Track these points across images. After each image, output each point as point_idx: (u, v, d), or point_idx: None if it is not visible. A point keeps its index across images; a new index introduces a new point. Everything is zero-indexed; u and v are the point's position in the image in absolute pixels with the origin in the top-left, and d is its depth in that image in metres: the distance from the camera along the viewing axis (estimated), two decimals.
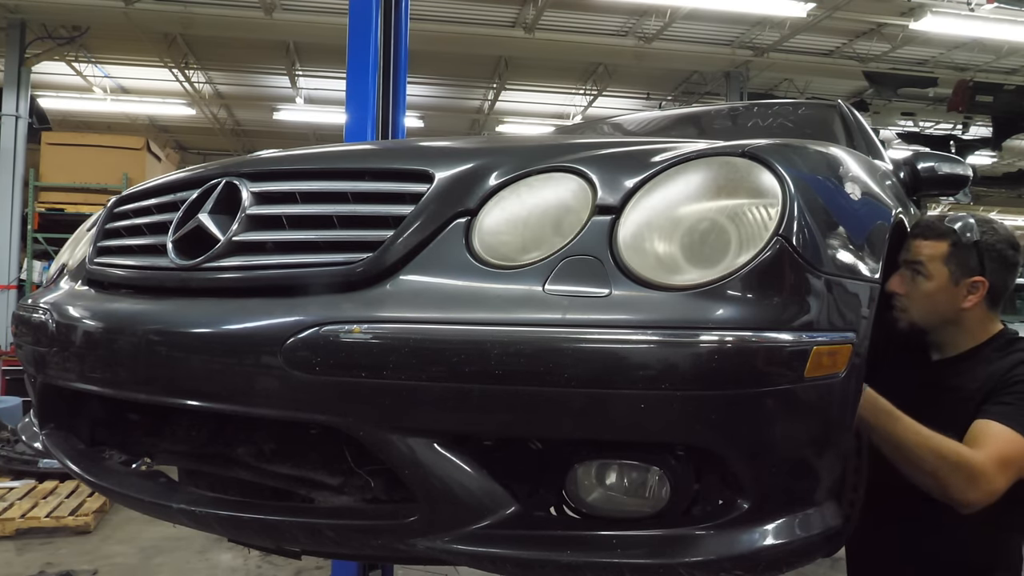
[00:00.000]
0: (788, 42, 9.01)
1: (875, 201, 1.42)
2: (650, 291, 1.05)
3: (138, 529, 4.40)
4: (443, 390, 1.05)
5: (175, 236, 1.34)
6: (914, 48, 9.20)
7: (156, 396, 1.29)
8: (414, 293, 1.13)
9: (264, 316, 1.17)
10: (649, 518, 1.09)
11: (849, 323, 1.15)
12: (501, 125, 12.39)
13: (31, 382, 1.63)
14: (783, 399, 1.05)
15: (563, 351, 1.01)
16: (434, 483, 1.08)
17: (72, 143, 7.95)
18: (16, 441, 5.29)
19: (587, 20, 8.67)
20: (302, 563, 3.83)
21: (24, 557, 4.02)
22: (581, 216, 1.13)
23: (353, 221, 1.23)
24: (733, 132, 2.93)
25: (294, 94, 11.04)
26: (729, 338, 1.00)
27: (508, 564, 1.10)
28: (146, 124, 13.00)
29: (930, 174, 2.40)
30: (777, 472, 1.08)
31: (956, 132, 11.74)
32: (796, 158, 1.18)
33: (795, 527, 1.09)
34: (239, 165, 1.41)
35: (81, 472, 1.49)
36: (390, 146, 2.06)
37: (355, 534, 1.19)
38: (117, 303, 1.41)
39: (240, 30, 8.64)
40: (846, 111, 2.77)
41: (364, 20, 2.85)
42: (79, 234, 1.91)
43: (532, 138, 3.15)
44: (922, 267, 1.61)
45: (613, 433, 1.05)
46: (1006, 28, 7.91)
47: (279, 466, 1.39)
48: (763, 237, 1.06)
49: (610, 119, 3.97)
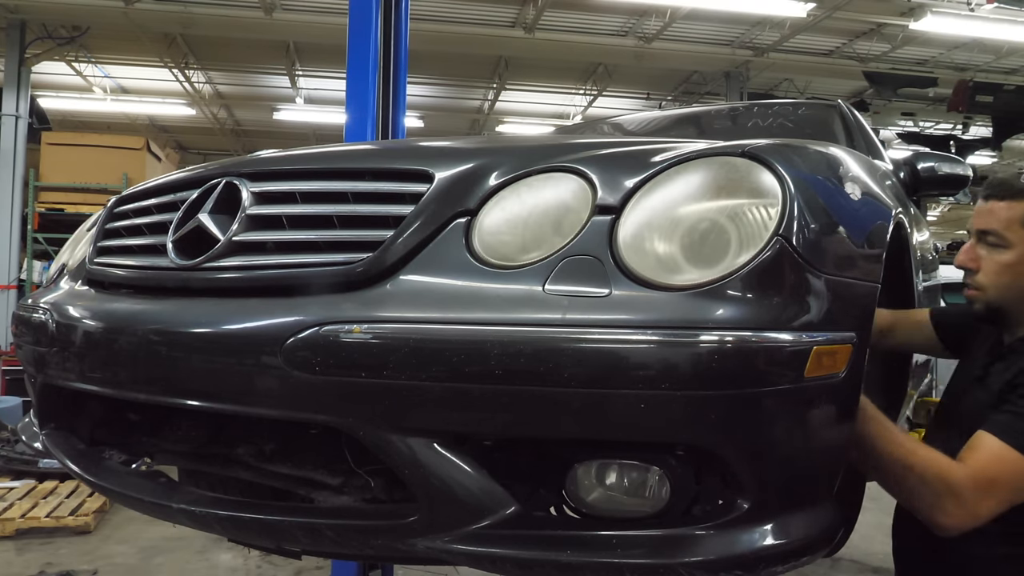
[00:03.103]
0: (788, 42, 9.01)
1: (875, 201, 1.42)
2: (650, 291, 1.05)
3: (138, 529, 4.40)
4: (443, 390, 1.05)
5: (175, 236, 1.34)
6: (914, 48, 9.20)
7: (156, 396, 1.29)
8: (414, 293, 1.13)
9: (264, 316, 1.17)
10: (649, 518, 1.09)
11: (849, 323, 1.15)
12: (501, 125, 12.39)
13: (31, 382, 1.63)
14: (783, 399, 1.05)
15: (563, 351, 1.01)
16: (434, 483, 1.08)
17: (72, 143, 7.96)
18: (16, 441, 5.29)
19: (587, 20, 8.67)
20: (302, 563, 3.83)
21: (24, 557, 4.02)
22: (581, 216, 1.13)
23: (353, 221, 1.23)
24: (733, 132, 2.93)
25: (294, 94, 11.04)
26: (729, 338, 1.00)
27: (508, 564, 1.10)
28: (146, 124, 13.01)
29: (930, 174, 2.41)
30: (777, 472, 1.08)
31: (956, 132, 11.74)
32: (796, 158, 1.18)
33: (795, 527, 1.09)
34: (239, 165, 1.41)
35: (81, 472, 1.49)
36: (390, 146, 2.06)
37: (355, 534, 1.19)
38: (117, 303, 1.41)
39: (240, 30, 8.65)
40: (846, 111, 2.77)
41: (364, 20, 2.85)
42: (79, 234, 1.91)
43: (532, 138, 3.15)
44: (997, 235, 1.38)
45: (613, 433, 1.05)
46: (1006, 28, 7.91)
47: (279, 466, 1.39)
48: (763, 237, 1.06)
49: (610, 119, 3.97)
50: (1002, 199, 1.39)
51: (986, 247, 1.41)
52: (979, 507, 1.24)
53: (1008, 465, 1.24)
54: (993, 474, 1.24)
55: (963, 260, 1.44)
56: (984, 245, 1.42)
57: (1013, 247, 1.37)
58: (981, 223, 1.42)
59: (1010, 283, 1.39)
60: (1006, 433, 1.26)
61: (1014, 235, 1.37)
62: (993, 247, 1.40)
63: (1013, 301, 1.41)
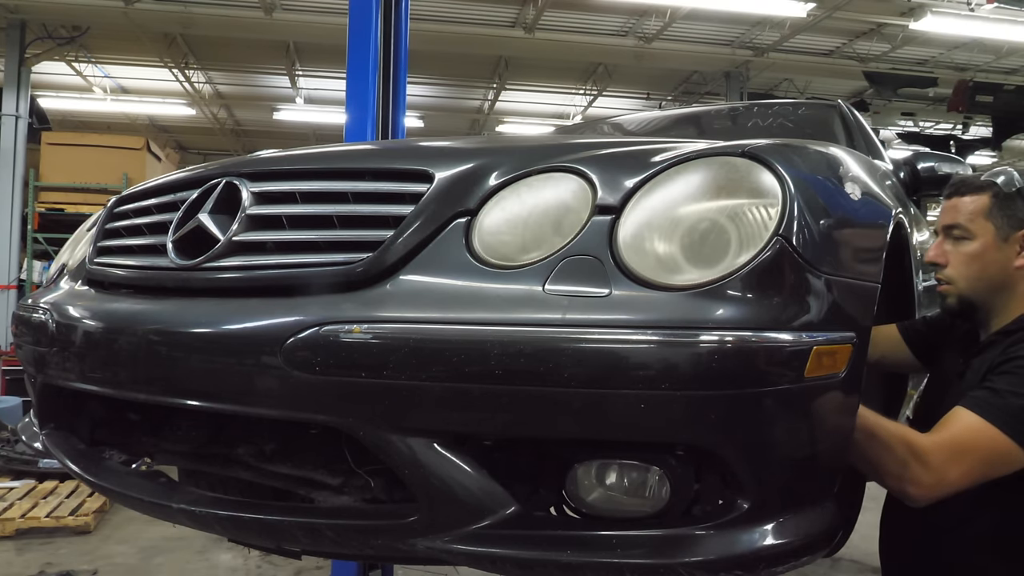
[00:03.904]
0: (788, 42, 9.01)
1: (875, 201, 1.42)
2: (650, 291, 1.05)
3: (138, 529, 4.40)
4: (443, 390, 1.05)
5: (175, 236, 1.34)
6: (914, 48, 9.20)
7: (156, 396, 1.29)
8: (414, 293, 1.13)
9: (264, 316, 1.17)
10: (649, 518, 1.09)
11: (849, 323, 1.15)
12: (501, 125, 12.39)
13: (31, 382, 1.63)
14: (783, 399, 1.05)
15: (563, 351, 1.01)
16: (434, 483, 1.08)
17: (72, 143, 7.95)
18: (16, 441, 5.29)
19: (587, 20, 8.67)
20: (302, 563, 3.83)
21: (24, 557, 4.02)
22: (581, 216, 1.13)
23: (353, 221, 1.23)
24: (733, 132, 2.93)
25: (294, 94, 11.04)
26: (729, 338, 1.00)
27: (508, 564, 1.10)
28: (146, 124, 13.00)
29: (930, 174, 2.41)
30: (777, 472, 1.08)
31: (956, 132, 11.73)
32: (796, 158, 1.18)
33: (795, 527, 1.09)
34: (239, 165, 1.41)
35: (81, 472, 1.49)
36: (390, 146, 2.06)
37: (355, 534, 1.19)
38: (117, 303, 1.41)
39: (240, 30, 8.64)
40: (846, 111, 2.77)
41: (364, 20, 2.85)
42: (79, 234, 1.91)
43: (532, 138, 3.15)
44: (962, 228, 1.43)
45: (613, 433, 1.05)
46: (1006, 28, 7.91)
47: (279, 466, 1.39)
48: (763, 237, 1.06)
49: (610, 119, 3.97)
50: (964, 195, 1.45)
51: (952, 241, 1.46)
52: (947, 473, 1.23)
53: (981, 436, 1.24)
54: (964, 442, 1.23)
55: (932, 256, 1.48)
56: (951, 240, 1.47)
57: (977, 237, 1.42)
58: (947, 219, 1.47)
59: (979, 273, 1.43)
60: (981, 407, 1.27)
61: (978, 226, 1.42)
62: (959, 240, 1.45)
63: (983, 292, 1.44)
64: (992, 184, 1.42)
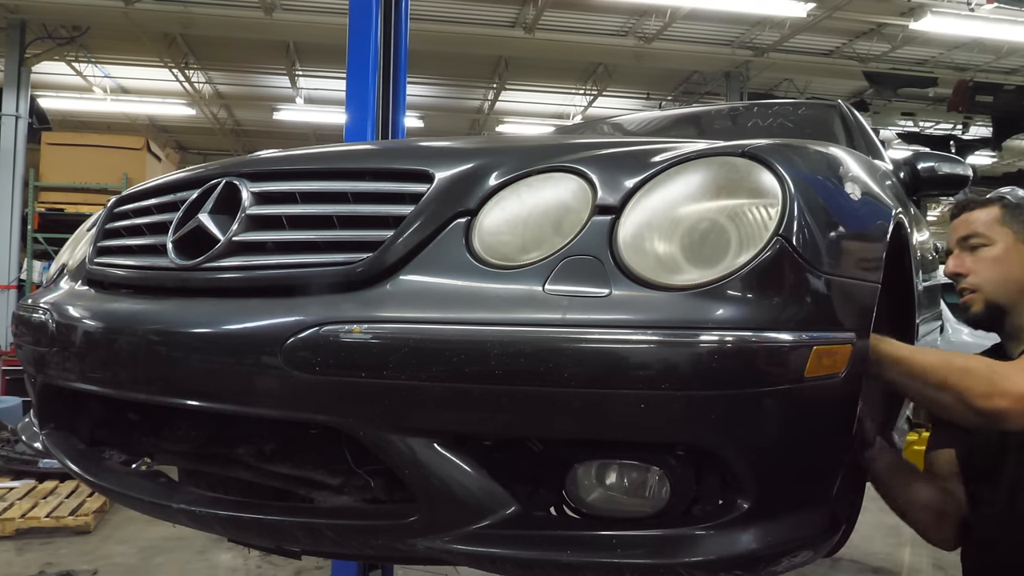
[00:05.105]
0: (788, 42, 9.01)
1: (875, 201, 1.42)
2: (650, 291, 1.05)
3: (138, 529, 4.40)
4: (443, 390, 1.05)
5: (175, 236, 1.34)
6: (914, 48, 9.20)
7: (156, 396, 1.29)
8: (414, 293, 1.13)
9: (264, 316, 1.17)
10: (649, 518, 1.09)
11: (849, 323, 1.15)
12: (501, 125, 12.39)
13: (31, 382, 1.63)
14: (783, 399, 1.05)
15: (563, 351, 1.01)
16: (434, 483, 1.08)
17: (72, 143, 7.96)
18: (16, 441, 5.29)
19: (587, 20, 8.67)
20: (302, 563, 3.82)
21: (24, 557, 4.02)
22: (581, 216, 1.13)
23: (353, 221, 1.23)
24: (733, 132, 2.93)
25: (294, 94, 11.04)
26: (729, 338, 1.00)
27: (508, 564, 1.10)
28: (146, 124, 13.01)
29: (930, 174, 2.40)
30: (777, 472, 1.08)
31: (956, 132, 11.74)
32: (796, 158, 1.18)
33: (795, 527, 1.09)
34: (239, 165, 1.41)
35: (81, 472, 1.49)
36: (390, 146, 2.06)
37: (355, 534, 1.19)
38: (117, 303, 1.41)
39: (240, 30, 8.65)
40: (846, 111, 2.77)
41: (364, 20, 2.85)
42: (79, 234, 1.91)
43: (532, 138, 3.15)
44: (981, 236, 1.48)
45: (613, 433, 1.05)
46: (1006, 28, 7.91)
47: (279, 466, 1.40)
48: (763, 237, 1.06)
49: (610, 119, 3.97)
50: (973, 209, 1.51)
51: (970, 251, 1.49)
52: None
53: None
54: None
55: (952, 268, 1.50)
56: (968, 251, 1.50)
57: (998, 241, 1.46)
58: (962, 231, 1.52)
59: (1005, 274, 1.46)
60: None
61: (996, 232, 1.47)
62: (978, 248, 1.49)
63: (1013, 293, 1.46)
64: (1000, 197, 1.48)
